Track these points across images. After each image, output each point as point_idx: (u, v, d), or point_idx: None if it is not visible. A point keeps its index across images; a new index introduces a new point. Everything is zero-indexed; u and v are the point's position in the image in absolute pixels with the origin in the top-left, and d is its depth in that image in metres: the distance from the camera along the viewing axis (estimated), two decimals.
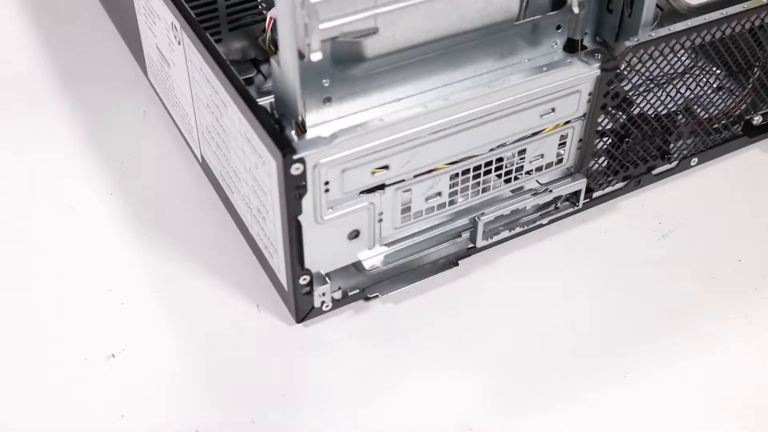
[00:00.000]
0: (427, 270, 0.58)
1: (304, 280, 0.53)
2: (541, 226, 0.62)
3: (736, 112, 0.65)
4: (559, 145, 0.58)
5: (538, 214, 0.61)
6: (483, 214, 0.57)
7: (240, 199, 0.58)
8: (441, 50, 0.52)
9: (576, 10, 0.55)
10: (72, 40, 0.80)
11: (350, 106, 0.51)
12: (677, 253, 0.61)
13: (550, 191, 0.59)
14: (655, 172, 0.64)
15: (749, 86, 0.64)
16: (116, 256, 0.61)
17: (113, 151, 0.69)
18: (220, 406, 0.52)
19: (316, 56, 0.47)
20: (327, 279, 0.54)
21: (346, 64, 0.50)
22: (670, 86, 0.60)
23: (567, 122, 0.57)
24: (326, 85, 0.50)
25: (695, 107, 0.63)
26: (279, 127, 0.50)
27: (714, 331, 0.56)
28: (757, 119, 0.67)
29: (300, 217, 0.50)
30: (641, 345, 0.55)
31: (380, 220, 0.54)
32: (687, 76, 0.60)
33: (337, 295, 0.56)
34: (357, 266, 0.56)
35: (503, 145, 0.55)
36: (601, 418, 0.52)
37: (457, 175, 0.55)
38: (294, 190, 0.49)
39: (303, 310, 0.56)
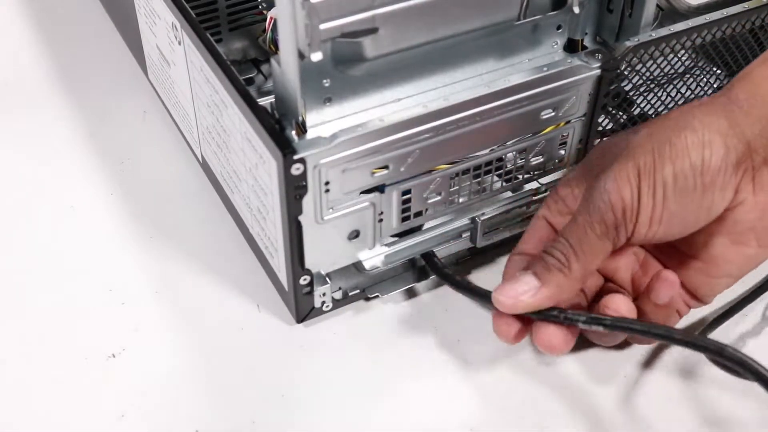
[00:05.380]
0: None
1: (304, 280, 0.53)
2: None
3: None
4: (560, 145, 0.58)
5: None
6: (483, 214, 0.57)
7: (240, 199, 0.58)
8: (441, 50, 0.52)
9: (576, 10, 0.55)
10: (72, 40, 0.80)
11: (350, 106, 0.51)
12: None
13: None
14: None
15: None
16: (116, 256, 0.61)
17: (113, 151, 0.69)
18: (220, 406, 0.52)
19: (316, 56, 0.47)
20: (327, 279, 0.54)
21: (347, 64, 0.50)
22: (671, 86, 0.60)
23: (567, 122, 0.57)
24: (326, 85, 0.50)
25: None
26: (279, 127, 0.50)
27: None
28: None
29: (300, 217, 0.50)
30: (641, 345, 0.55)
31: (380, 220, 0.54)
32: (687, 76, 0.60)
33: (338, 295, 0.56)
34: (357, 266, 0.56)
35: (503, 145, 0.55)
36: (602, 417, 0.52)
37: (457, 175, 0.55)
38: (294, 190, 0.49)
39: (303, 310, 0.56)
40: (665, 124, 0.49)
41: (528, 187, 0.59)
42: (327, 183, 0.50)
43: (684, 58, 0.59)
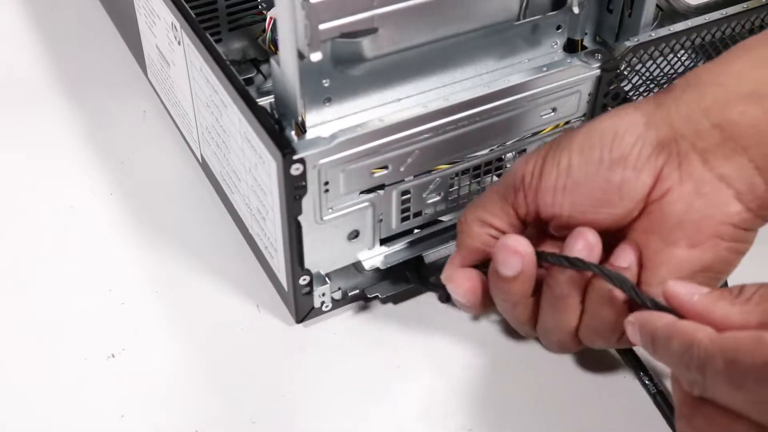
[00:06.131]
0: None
1: (304, 280, 0.53)
2: None
3: None
4: None
5: None
6: None
7: (240, 199, 0.58)
8: (441, 50, 0.52)
9: (576, 10, 0.55)
10: (72, 40, 0.80)
11: (350, 106, 0.51)
12: None
13: None
14: None
15: None
16: (116, 256, 0.61)
17: (113, 151, 0.69)
18: (220, 406, 0.52)
19: (316, 56, 0.47)
20: (327, 279, 0.54)
21: (346, 64, 0.50)
22: None
23: (567, 122, 0.57)
24: (326, 85, 0.50)
25: None
26: (279, 128, 0.50)
27: None
28: None
29: (300, 218, 0.50)
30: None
31: (380, 220, 0.54)
32: None
33: (337, 295, 0.56)
34: (357, 266, 0.56)
35: (503, 145, 0.55)
36: (602, 418, 0.52)
37: (457, 174, 0.55)
38: (294, 190, 0.49)
39: (303, 310, 0.56)
40: None
41: None
42: (326, 183, 0.50)
43: (684, 58, 0.59)
